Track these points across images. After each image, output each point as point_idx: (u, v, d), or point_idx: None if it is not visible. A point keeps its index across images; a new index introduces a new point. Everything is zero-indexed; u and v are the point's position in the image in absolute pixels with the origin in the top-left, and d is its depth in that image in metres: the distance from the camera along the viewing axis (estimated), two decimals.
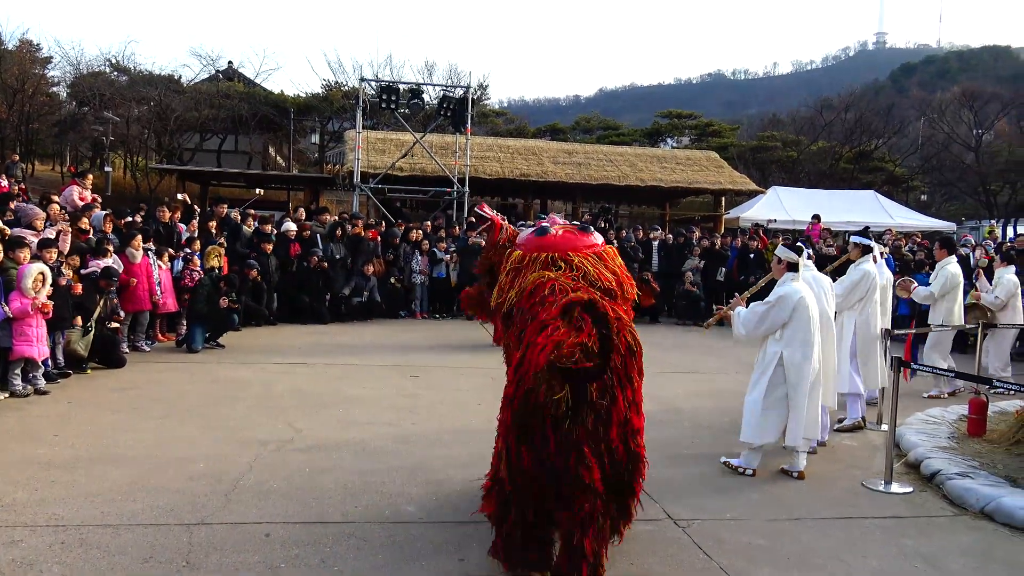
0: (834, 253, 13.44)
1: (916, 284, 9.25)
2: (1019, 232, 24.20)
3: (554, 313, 3.58)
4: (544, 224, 4.66)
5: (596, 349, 3.43)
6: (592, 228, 4.74)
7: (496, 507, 3.87)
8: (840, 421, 7.44)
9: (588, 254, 4.35)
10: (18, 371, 7.45)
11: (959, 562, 4.52)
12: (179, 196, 13.31)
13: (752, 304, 6.13)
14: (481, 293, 5.83)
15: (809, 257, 6.93)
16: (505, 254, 5.26)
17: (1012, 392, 7.58)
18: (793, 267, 6.03)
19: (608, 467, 3.65)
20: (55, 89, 33.73)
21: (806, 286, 6.05)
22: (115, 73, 34.14)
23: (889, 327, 7.89)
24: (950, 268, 9.25)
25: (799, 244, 6.48)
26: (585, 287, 4.02)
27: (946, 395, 9.21)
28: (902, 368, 6.28)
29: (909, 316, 12.35)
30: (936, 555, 4.60)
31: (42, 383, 7.59)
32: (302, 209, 15.42)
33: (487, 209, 9.86)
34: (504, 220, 9.11)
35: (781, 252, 6.12)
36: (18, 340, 7.38)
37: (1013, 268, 10.17)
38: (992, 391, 8.11)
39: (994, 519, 5.17)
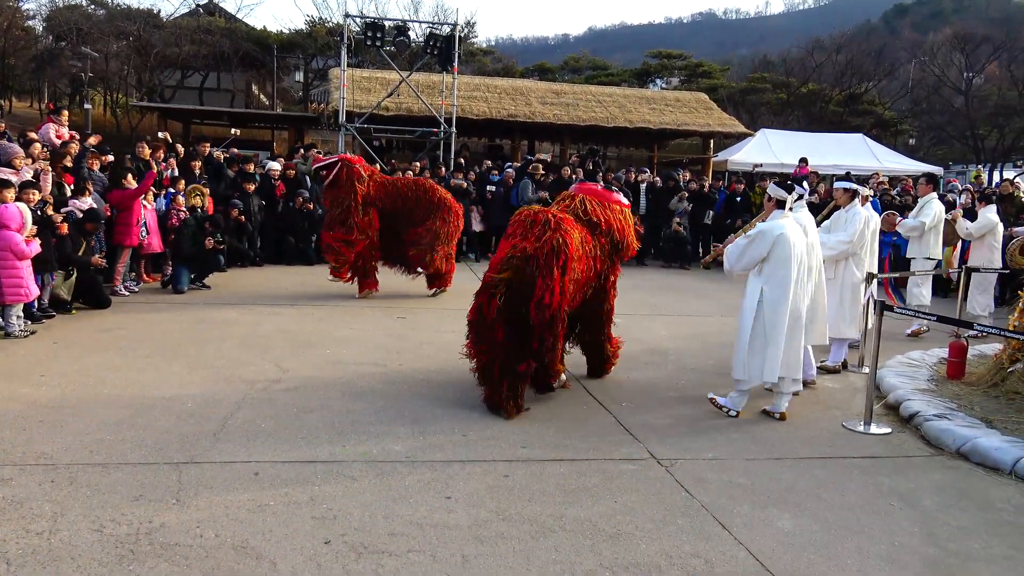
0: (816, 200, 13.39)
1: (900, 217, 9.32)
2: (1005, 177, 24.25)
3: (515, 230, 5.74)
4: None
5: (532, 251, 5.47)
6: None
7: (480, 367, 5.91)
8: (822, 362, 7.54)
9: (593, 199, 6.32)
10: (20, 312, 7.46)
11: (934, 499, 4.64)
12: (160, 135, 13.08)
13: (737, 239, 6.17)
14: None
15: (801, 196, 6.94)
16: (352, 189, 10.08)
17: (989, 335, 7.71)
18: (782, 205, 6.04)
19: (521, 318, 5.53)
20: (31, 23, 32.86)
21: (793, 224, 6.05)
22: (92, 6, 33.24)
23: (874, 271, 7.95)
24: (937, 204, 9.37)
25: (791, 183, 6.52)
26: (553, 212, 5.88)
27: (925, 329, 9.36)
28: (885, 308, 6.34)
29: (884, 258, 12.45)
30: (912, 493, 4.71)
31: (15, 327, 7.46)
32: (293, 162, 15.18)
33: (323, 160, 10.26)
34: (349, 159, 10.73)
35: (771, 190, 6.14)
36: (30, 281, 7.46)
37: (994, 208, 10.23)
38: (971, 333, 8.28)
39: (969, 459, 5.28)
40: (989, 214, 9.99)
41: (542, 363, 5.88)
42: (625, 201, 6.65)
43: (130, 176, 9.95)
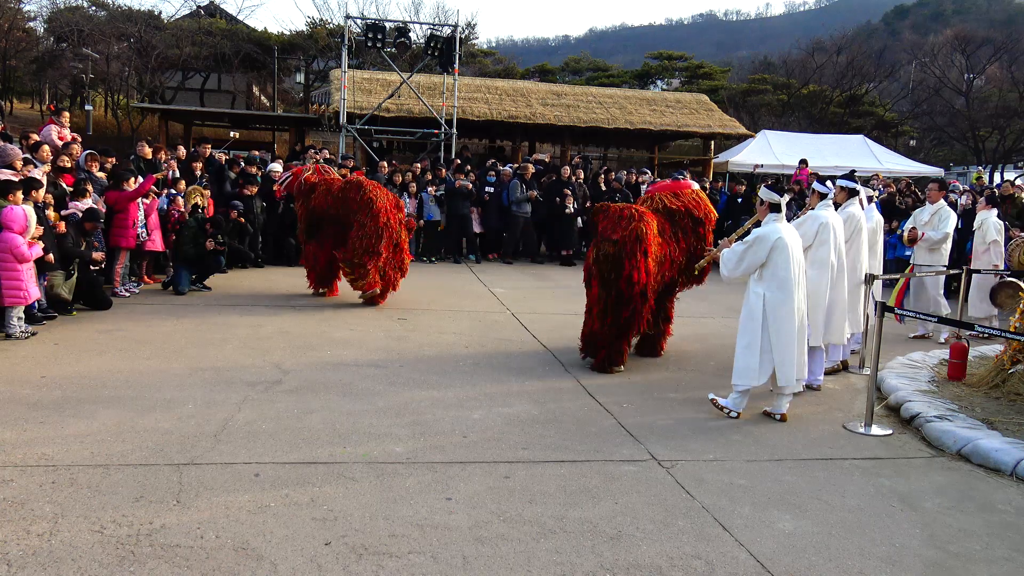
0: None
1: (922, 232, 9.31)
2: (1006, 178, 24.24)
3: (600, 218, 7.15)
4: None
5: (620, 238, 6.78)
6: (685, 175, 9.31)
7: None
8: None
9: (667, 193, 7.67)
10: (21, 314, 7.45)
11: (934, 501, 4.63)
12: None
13: (733, 244, 6.17)
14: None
15: (824, 196, 6.95)
16: (308, 197, 10.17)
17: (989, 336, 7.70)
18: (775, 208, 6.04)
19: (615, 293, 6.85)
20: (32, 24, 32.88)
21: (788, 227, 6.07)
22: (93, 8, 33.28)
23: (875, 272, 7.92)
24: (952, 213, 9.39)
25: (817, 185, 6.55)
26: (635, 207, 7.14)
27: (930, 335, 9.36)
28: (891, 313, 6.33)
29: (894, 260, 12.43)
30: (912, 494, 4.71)
31: (16, 329, 7.42)
32: (294, 163, 15.17)
33: (281, 174, 11.10)
34: (306, 168, 10.75)
35: (764, 194, 6.14)
36: (30, 283, 7.45)
37: (995, 211, 10.19)
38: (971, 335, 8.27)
39: (970, 460, 5.28)
40: (993, 217, 9.93)
41: (630, 331, 7.12)
42: (694, 184, 8.07)
43: (132, 180, 9.94)
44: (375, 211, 9.42)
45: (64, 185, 9.29)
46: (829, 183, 7.21)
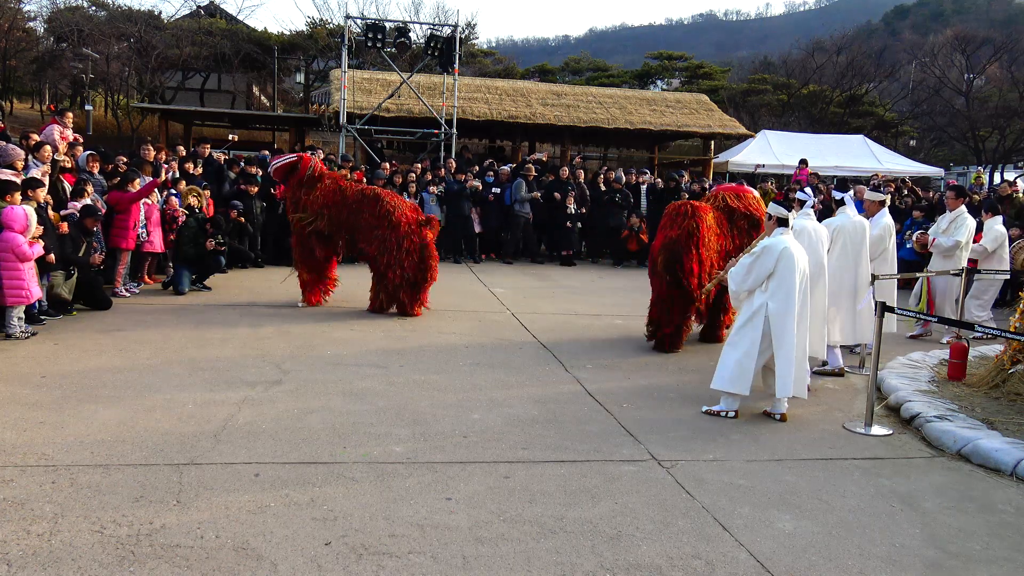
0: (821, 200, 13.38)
1: (932, 237, 9.29)
2: (1005, 178, 24.23)
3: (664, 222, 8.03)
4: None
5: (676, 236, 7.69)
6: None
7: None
8: (823, 364, 7.52)
9: (731, 193, 8.49)
10: (22, 314, 7.45)
11: (934, 501, 4.63)
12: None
13: (740, 257, 6.17)
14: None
15: (803, 203, 6.93)
16: (313, 190, 9.44)
17: (991, 336, 7.70)
18: (783, 223, 6.03)
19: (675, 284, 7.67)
20: (32, 24, 32.88)
21: (794, 239, 6.07)
22: (93, 8, 33.29)
23: (882, 273, 7.89)
24: (970, 219, 9.34)
25: (789, 194, 6.54)
26: (692, 203, 8.05)
27: (928, 334, 9.36)
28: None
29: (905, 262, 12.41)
30: (912, 494, 4.71)
31: (16, 329, 7.42)
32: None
33: (286, 156, 9.73)
34: (312, 156, 10.21)
35: (772, 209, 6.13)
36: (31, 283, 7.45)
37: (1000, 218, 10.16)
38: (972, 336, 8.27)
39: (970, 460, 5.28)
40: (997, 226, 9.85)
41: (689, 316, 8.09)
42: (755, 191, 8.82)
43: (137, 181, 9.95)
44: (394, 223, 9.12)
45: (65, 182, 9.30)
46: (808, 190, 7.23)
